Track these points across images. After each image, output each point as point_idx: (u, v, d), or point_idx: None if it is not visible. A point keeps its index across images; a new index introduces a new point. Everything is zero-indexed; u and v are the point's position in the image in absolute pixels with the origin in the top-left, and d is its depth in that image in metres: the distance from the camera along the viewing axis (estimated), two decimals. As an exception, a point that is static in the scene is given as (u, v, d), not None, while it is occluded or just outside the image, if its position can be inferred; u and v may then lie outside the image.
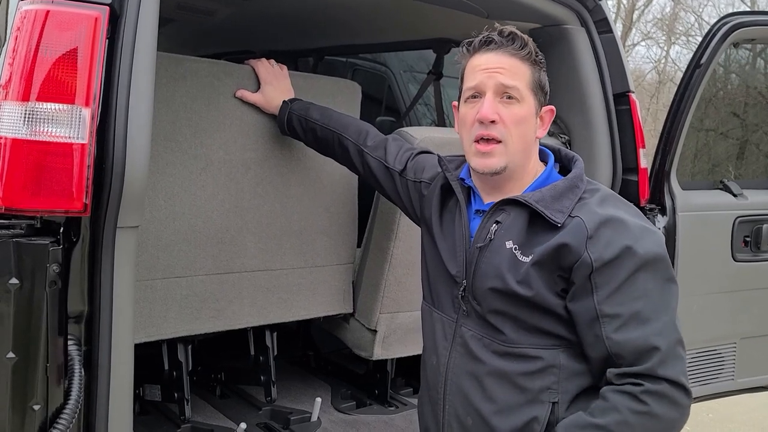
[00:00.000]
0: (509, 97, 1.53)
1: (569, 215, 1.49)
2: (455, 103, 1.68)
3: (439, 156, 1.77)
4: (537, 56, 1.57)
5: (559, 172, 1.64)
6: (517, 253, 1.52)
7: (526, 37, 1.56)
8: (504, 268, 1.52)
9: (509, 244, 1.53)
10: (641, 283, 1.44)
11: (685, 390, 1.44)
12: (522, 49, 1.55)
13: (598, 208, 1.50)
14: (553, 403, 1.50)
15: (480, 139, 1.54)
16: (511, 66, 1.53)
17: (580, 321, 1.47)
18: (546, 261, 1.48)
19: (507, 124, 1.53)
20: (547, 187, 1.55)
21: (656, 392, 1.41)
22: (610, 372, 1.45)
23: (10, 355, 1.37)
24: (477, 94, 1.55)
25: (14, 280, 1.36)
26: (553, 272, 1.48)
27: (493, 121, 1.52)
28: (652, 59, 21.10)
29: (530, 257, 1.49)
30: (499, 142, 1.53)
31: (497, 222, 1.56)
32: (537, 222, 1.51)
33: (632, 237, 1.45)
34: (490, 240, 1.56)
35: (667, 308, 1.46)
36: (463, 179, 1.67)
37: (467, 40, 1.60)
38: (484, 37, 1.56)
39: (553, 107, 1.65)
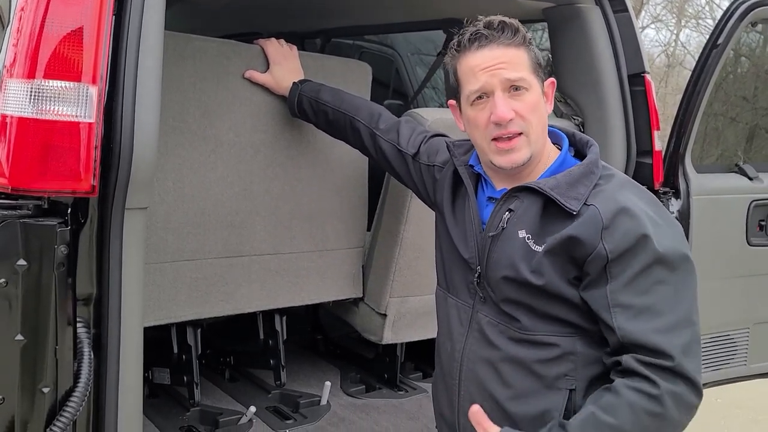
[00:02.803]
0: (517, 89, 1.49)
1: (585, 203, 1.45)
2: (452, 102, 1.64)
3: (447, 142, 1.73)
4: (527, 36, 1.52)
5: (573, 157, 1.61)
6: (530, 242, 1.48)
7: (515, 22, 1.51)
8: (517, 257, 1.49)
9: (522, 233, 1.50)
10: (657, 275, 1.40)
11: (699, 391, 1.40)
12: (515, 36, 1.49)
13: (615, 196, 1.46)
14: (571, 390, 1.48)
15: (499, 138, 1.50)
16: (510, 57, 1.48)
17: (594, 309, 1.44)
18: (558, 251, 1.45)
19: (524, 115, 1.49)
20: (562, 173, 1.51)
21: (673, 394, 1.38)
22: (625, 359, 1.40)
23: (19, 337, 1.36)
24: (483, 95, 1.50)
25: (22, 262, 1.34)
26: (566, 262, 1.45)
27: (510, 119, 1.48)
28: (662, 43, 20.90)
29: (542, 246, 1.46)
30: (521, 134, 1.49)
31: (510, 210, 1.52)
32: (551, 210, 1.47)
33: (649, 227, 1.41)
34: (503, 228, 1.52)
35: (684, 303, 1.42)
36: (472, 166, 1.64)
37: (454, 41, 1.54)
38: (472, 33, 1.50)
39: (553, 79, 1.60)
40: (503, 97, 1.48)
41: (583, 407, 1.44)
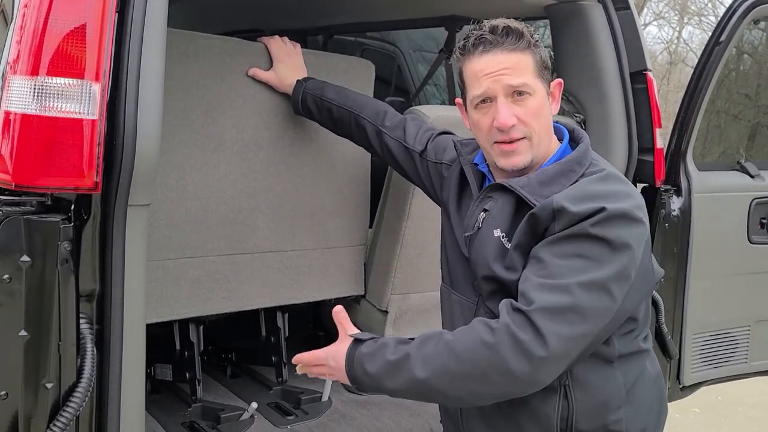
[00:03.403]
0: (521, 94, 1.49)
1: None
2: (459, 100, 1.65)
3: (454, 140, 1.74)
4: (533, 38, 1.51)
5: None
6: (504, 241, 1.49)
7: (519, 26, 1.51)
8: (491, 257, 1.50)
9: (497, 233, 1.51)
10: (582, 247, 1.37)
11: (546, 347, 1.33)
12: (519, 41, 1.49)
13: (583, 186, 1.45)
14: (566, 386, 1.49)
15: (502, 141, 1.51)
16: (513, 63, 1.48)
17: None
18: (522, 239, 1.45)
19: (526, 121, 1.49)
20: (536, 171, 1.51)
21: (512, 332, 1.34)
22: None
23: (22, 333, 1.36)
24: (487, 99, 1.51)
25: (25, 258, 1.35)
26: (529, 248, 1.45)
27: (512, 125, 1.48)
28: (664, 40, 20.86)
29: (512, 241, 1.47)
30: (523, 138, 1.50)
31: (485, 210, 1.54)
32: (524, 209, 1.48)
33: (597, 209, 1.38)
34: (479, 228, 1.54)
35: (579, 279, 1.36)
36: (476, 164, 1.65)
37: (460, 44, 1.55)
38: (476, 37, 1.50)
39: (560, 80, 1.61)
40: (506, 103, 1.48)
41: None
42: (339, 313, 1.58)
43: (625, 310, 1.48)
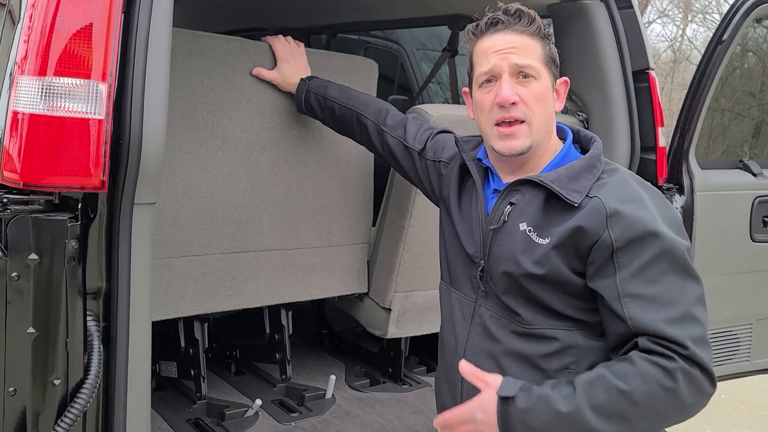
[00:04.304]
0: (525, 76, 1.50)
1: (587, 195, 1.46)
2: (465, 89, 1.65)
3: (455, 136, 1.75)
4: (545, 30, 1.54)
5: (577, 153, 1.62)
6: (533, 235, 1.49)
7: (532, 12, 1.53)
8: (518, 250, 1.50)
9: (523, 226, 1.51)
10: (664, 265, 1.41)
11: (713, 380, 1.40)
12: (531, 25, 1.51)
13: (619, 187, 1.47)
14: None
15: (501, 122, 1.51)
16: (522, 44, 1.50)
17: (602, 300, 1.45)
18: (564, 243, 1.45)
19: (528, 103, 1.50)
20: (563, 166, 1.52)
21: (689, 374, 1.37)
22: (642, 341, 1.40)
23: (31, 330, 1.38)
24: (492, 78, 1.52)
25: (33, 256, 1.37)
26: (571, 253, 1.46)
27: (513, 103, 1.49)
28: (668, 38, 20.80)
29: (548, 239, 1.47)
30: (522, 122, 1.50)
31: (511, 203, 1.54)
32: (553, 203, 1.49)
33: (655, 216, 1.42)
34: (504, 222, 1.54)
35: (691, 296, 1.42)
36: (479, 159, 1.65)
37: (473, 24, 1.57)
38: (490, 18, 1.53)
39: (566, 78, 1.62)
40: (509, 81, 1.50)
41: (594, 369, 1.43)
42: (467, 369, 1.49)
43: None
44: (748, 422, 4.41)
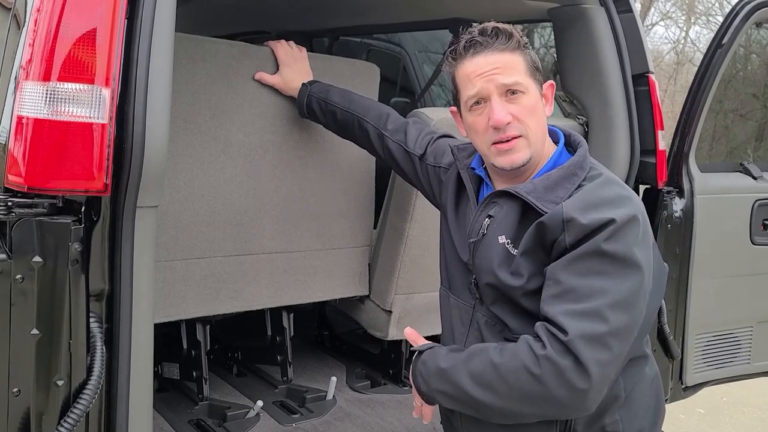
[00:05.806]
0: (514, 93, 1.50)
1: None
2: (453, 109, 1.66)
3: (450, 144, 1.75)
4: (522, 40, 1.53)
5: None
6: (510, 248, 1.50)
7: (508, 27, 1.53)
8: (496, 263, 1.51)
9: (502, 239, 1.51)
10: (599, 266, 1.38)
11: (587, 377, 1.35)
12: (509, 41, 1.51)
13: (590, 192, 1.45)
14: None
15: (498, 141, 1.51)
16: (505, 62, 1.50)
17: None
18: (530, 245, 1.46)
19: (521, 118, 1.50)
20: (540, 177, 1.52)
21: (555, 363, 1.35)
22: (539, 323, 1.42)
23: (34, 331, 1.40)
24: (481, 100, 1.52)
25: (38, 258, 1.38)
26: (539, 254, 1.46)
27: (508, 123, 1.49)
28: (671, 40, 20.75)
29: (519, 248, 1.48)
30: (520, 136, 1.51)
31: (490, 216, 1.54)
32: (530, 215, 1.48)
33: (607, 221, 1.39)
34: (483, 235, 1.54)
35: (610, 299, 1.38)
36: (473, 168, 1.66)
37: (451, 48, 1.56)
38: (467, 41, 1.52)
39: (552, 81, 1.62)
40: (500, 102, 1.50)
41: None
42: (409, 332, 1.69)
43: (648, 314, 1.50)
44: (749, 425, 4.40)
